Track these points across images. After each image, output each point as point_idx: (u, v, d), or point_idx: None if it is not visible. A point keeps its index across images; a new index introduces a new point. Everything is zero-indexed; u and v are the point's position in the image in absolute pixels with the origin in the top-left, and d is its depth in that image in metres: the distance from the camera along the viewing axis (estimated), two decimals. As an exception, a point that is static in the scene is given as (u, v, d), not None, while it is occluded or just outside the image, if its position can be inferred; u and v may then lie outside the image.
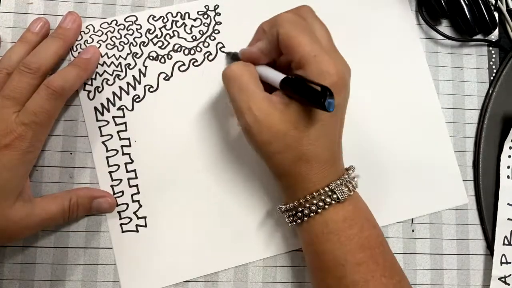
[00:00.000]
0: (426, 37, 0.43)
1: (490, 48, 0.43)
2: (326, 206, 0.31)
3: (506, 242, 0.40)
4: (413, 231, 0.40)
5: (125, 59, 0.40)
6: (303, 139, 0.31)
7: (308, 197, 0.31)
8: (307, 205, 0.31)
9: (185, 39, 0.40)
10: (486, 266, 0.40)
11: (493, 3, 0.43)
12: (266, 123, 0.31)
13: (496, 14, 0.43)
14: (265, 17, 0.41)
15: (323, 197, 0.31)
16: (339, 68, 0.31)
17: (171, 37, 0.40)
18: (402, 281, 0.32)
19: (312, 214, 0.31)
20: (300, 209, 0.32)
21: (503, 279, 0.39)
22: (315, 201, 0.31)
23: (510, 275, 0.39)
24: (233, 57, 0.38)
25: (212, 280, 0.38)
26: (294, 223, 0.33)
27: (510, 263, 0.39)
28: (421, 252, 0.40)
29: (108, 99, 0.39)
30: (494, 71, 0.43)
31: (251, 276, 0.38)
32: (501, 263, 0.39)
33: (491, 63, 0.43)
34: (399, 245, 0.40)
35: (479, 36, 0.43)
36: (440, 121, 0.41)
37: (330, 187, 0.31)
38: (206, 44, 0.41)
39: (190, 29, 0.41)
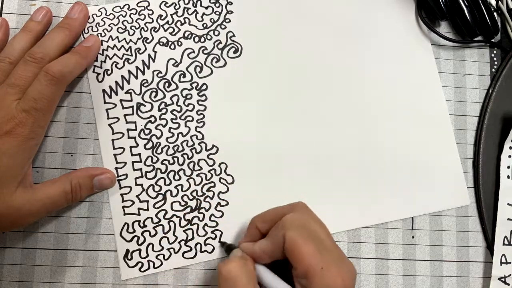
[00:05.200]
0: (429, 43, 0.43)
1: (491, 48, 0.43)
2: None
3: (506, 242, 0.39)
4: (413, 237, 0.40)
5: (135, 43, 0.40)
6: None
7: None
8: None
9: (196, 26, 0.40)
10: (485, 269, 0.40)
11: (495, 7, 0.42)
12: None
13: (496, 16, 0.42)
14: (275, 7, 0.41)
15: None
16: (346, 279, 0.30)
17: (182, 24, 0.40)
18: None
19: None
20: None
21: (503, 279, 0.39)
22: None
23: (510, 275, 0.39)
24: (227, 248, 0.37)
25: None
26: None
27: (510, 263, 0.39)
28: (421, 259, 0.40)
29: (116, 82, 0.39)
30: (494, 71, 0.43)
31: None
32: (501, 263, 0.39)
33: (492, 63, 0.43)
34: (398, 251, 0.40)
35: (479, 38, 0.43)
36: (447, 123, 0.42)
37: None
38: (216, 33, 0.41)
39: (202, 16, 0.41)
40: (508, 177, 0.40)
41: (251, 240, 0.34)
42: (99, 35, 0.39)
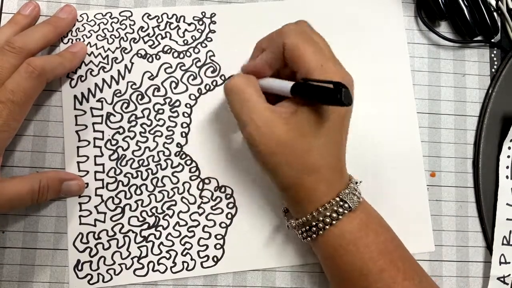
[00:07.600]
0: (429, 43, 0.43)
1: (491, 48, 0.43)
2: (340, 217, 0.31)
3: (505, 242, 0.39)
4: None
5: (113, 52, 0.39)
6: (312, 147, 0.30)
7: (320, 208, 0.31)
8: (320, 218, 0.31)
9: (176, 42, 0.40)
10: (485, 269, 0.40)
11: (494, 7, 0.42)
12: (269, 133, 0.30)
13: (496, 16, 0.42)
14: (259, 31, 0.40)
15: (335, 208, 0.31)
16: (344, 77, 0.31)
17: (162, 38, 0.40)
18: (423, 279, 0.32)
19: (326, 226, 0.31)
20: (314, 223, 0.31)
21: (502, 279, 0.39)
22: (328, 213, 0.31)
23: (509, 275, 0.39)
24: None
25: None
26: (309, 238, 0.32)
27: (509, 263, 0.39)
28: (421, 259, 0.39)
29: (89, 89, 0.39)
30: (494, 71, 0.43)
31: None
32: (500, 263, 0.39)
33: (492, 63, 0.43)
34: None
35: (479, 38, 0.43)
36: (418, 156, 0.41)
37: (340, 196, 0.31)
38: (196, 50, 0.40)
39: (183, 33, 0.40)
40: (507, 177, 0.40)
41: None
42: (77, 40, 0.39)
